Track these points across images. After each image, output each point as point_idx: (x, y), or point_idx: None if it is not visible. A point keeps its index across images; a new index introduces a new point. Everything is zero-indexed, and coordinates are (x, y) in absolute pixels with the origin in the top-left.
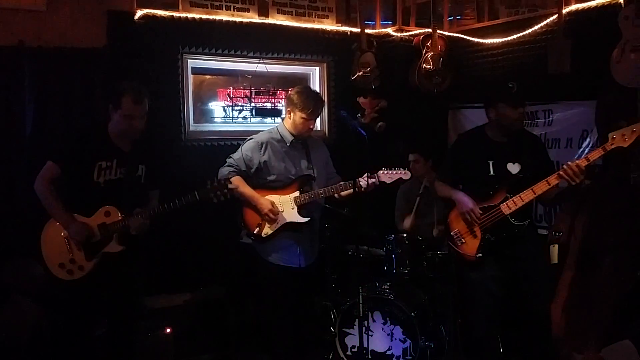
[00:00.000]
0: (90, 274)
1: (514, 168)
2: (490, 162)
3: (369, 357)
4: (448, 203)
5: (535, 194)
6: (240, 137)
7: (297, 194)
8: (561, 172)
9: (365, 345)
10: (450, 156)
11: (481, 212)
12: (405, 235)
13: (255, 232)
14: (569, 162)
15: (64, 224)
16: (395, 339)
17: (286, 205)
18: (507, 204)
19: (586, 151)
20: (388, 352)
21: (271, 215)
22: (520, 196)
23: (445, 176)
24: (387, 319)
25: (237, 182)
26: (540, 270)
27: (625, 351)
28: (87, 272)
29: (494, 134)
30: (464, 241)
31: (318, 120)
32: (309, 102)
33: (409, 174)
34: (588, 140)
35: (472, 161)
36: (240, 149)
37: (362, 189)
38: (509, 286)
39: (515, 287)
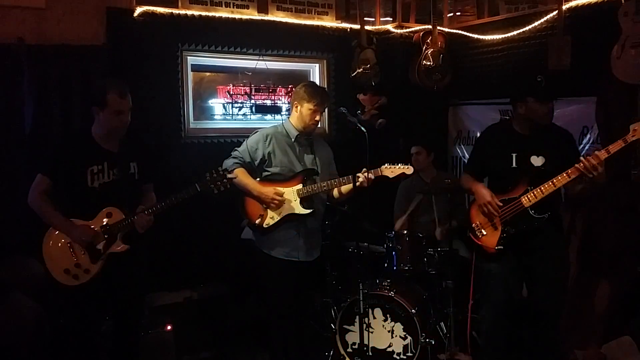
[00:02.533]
0: (96, 276)
1: (537, 161)
2: (514, 155)
3: (370, 354)
4: (470, 195)
5: (555, 186)
6: (240, 134)
7: (299, 186)
8: (579, 165)
9: (365, 342)
10: (476, 147)
11: (501, 204)
12: (405, 232)
13: (256, 222)
14: (588, 155)
15: (64, 231)
16: (396, 336)
17: (289, 197)
18: (527, 196)
19: (586, 147)
20: (388, 349)
21: (278, 198)
22: (540, 188)
23: (470, 168)
24: (388, 315)
25: (239, 173)
26: (558, 269)
27: (626, 347)
28: (93, 274)
29: (521, 127)
30: (484, 233)
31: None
32: (317, 93)
33: (412, 168)
34: (588, 136)
35: (496, 153)
36: (245, 141)
37: (360, 184)
38: (524, 280)
39: (530, 281)
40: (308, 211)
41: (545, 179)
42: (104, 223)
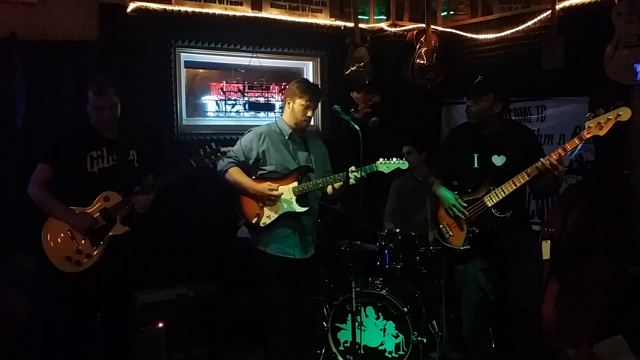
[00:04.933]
0: (98, 261)
1: (498, 160)
2: (475, 155)
3: (362, 352)
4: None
5: (515, 185)
6: (233, 132)
7: (295, 184)
8: (538, 165)
9: (357, 340)
10: (441, 150)
11: (465, 204)
12: (397, 230)
13: (253, 221)
14: (540, 154)
15: (64, 219)
16: (388, 334)
17: (285, 195)
18: (489, 196)
19: (579, 147)
20: (380, 347)
21: (273, 193)
22: (502, 188)
23: (437, 171)
24: (380, 314)
25: (235, 173)
26: (529, 265)
27: (617, 346)
28: (95, 259)
29: (482, 128)
30: (451, 234)
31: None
32: (309, 89)
33: (407, 163)
34: None
35: (459, 154)
36: (239, 141)
37: (350, 183)
38: (497, 280)
39: (504, 281)
40: (304, 209)
41: (507, 178)
42: (102, 207)
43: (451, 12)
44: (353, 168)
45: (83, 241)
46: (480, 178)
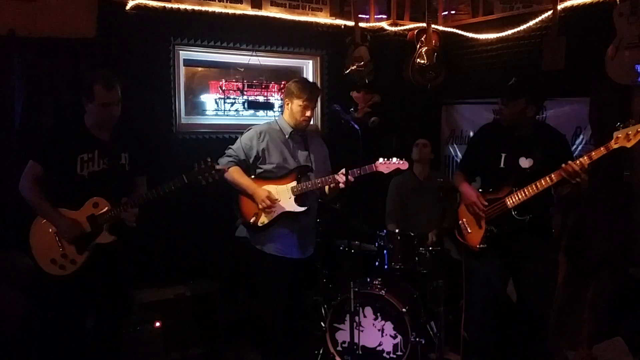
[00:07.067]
0: (83, 267)
1: (525, 163)
2: (503, 155)
3: (360, 352)
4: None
5: (537, 189)
6: (232, 130)
7: (294, 183)
8: (561, 170)
9: (355, 340)
10: (469, 146)
11: (486, 203)
12: (397, 230)
13: (251, 221)
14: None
15: (53, 222)
16: (386, 335)
17: (283, 195)
18: (511, 197)
19: (579, 148)
20: (379, 348)
21: (268, 202)
22: (523, 190)
23: (463, 166)
24: (378, 314)
25: (235, 172)
26: (544, 269)
27: (617, 348)
28: (79, 265)
29: (513, 129)
30: (469, 231)
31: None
32: (306, 89)
33: (407, 164)
34: (581, 137)
35: (486, 152)
36: (239, 139)
37: (338, 185)
38: (509, 280)
39: (518, 283)
40: (302, 209)
41: (531, 181)
42: (90, 214)
43: (452, 12)
44: (343, 171)
45: (69, 246)
46: (505, 178)
